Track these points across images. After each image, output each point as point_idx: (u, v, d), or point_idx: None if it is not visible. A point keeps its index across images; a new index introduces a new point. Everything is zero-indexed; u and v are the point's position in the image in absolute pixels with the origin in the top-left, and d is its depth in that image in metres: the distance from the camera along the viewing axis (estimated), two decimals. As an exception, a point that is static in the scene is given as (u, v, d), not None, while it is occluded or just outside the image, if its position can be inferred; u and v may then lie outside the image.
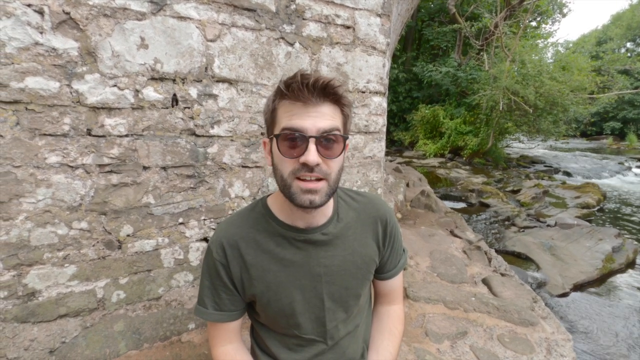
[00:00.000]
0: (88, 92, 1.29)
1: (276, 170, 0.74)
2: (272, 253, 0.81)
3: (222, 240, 0.81)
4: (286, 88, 0.67)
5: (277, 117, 0.71)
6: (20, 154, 1.22)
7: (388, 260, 0.93)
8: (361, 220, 0.87)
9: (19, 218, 1.26)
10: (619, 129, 26.40)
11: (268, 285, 0.81)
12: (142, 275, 1.52)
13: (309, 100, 0.67)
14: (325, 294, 0.83)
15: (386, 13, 1.94)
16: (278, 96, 0.71)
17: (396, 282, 0.98)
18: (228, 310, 0.85)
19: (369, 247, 0.88)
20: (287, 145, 0.69)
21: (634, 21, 29.39)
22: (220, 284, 0.83)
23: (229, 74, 1.55)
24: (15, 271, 1.28)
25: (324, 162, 0.69)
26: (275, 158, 0.73)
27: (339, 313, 0.86)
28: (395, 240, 0.93)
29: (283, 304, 0.81)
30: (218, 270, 0.81)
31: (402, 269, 0.97)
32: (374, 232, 0.89)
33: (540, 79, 9.86)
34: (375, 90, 2.00)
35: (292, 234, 0.80)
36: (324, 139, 0.68)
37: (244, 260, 0.80)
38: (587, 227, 4.61)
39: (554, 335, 1.94)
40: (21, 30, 1.16)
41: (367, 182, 2.11)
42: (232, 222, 0.84)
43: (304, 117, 0.67)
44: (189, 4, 1.42)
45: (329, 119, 0.69)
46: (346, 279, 0.84)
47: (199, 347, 1.57)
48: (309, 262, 0.81)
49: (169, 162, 1.49)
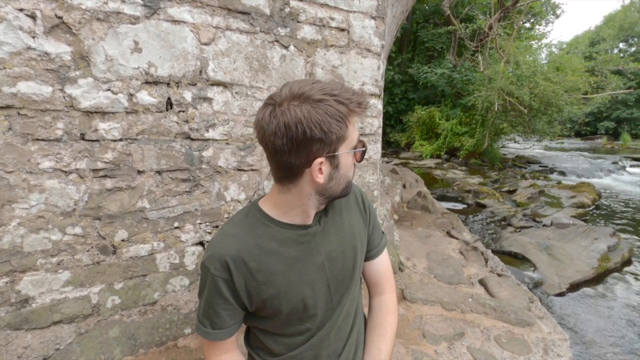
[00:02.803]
0: (81, 96, 1.29)
1: (342, 179, 0.78)
2: (276, 254, 0.80)
3: (221, 254, 0.78)
4: (358, 105, 0.73)
5: (349, 133, 0.74)
6: (13, 160, 1.21)
7: (371, 238, 0.98)
8: (344, 201, 0.93)
9: (12, 224, 1.24)
10: (613, 128, 26.64)
11: (278, 287, 0.79)
12: (138, 280, 1.51)
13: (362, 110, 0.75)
14: (330, 280, 0.85)
15: (380, 15, 1.94)
16: (347, 113, 0.72)
17: (383, 265, 1.01)
18: (227, 326, 0.83)
19: (357, 224, 0.93)
20: (361, 154, 0.79)
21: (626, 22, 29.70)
22: (219, 302, 0.80)
23: (224, 77, 1.55)
24: (8, 278, 1.27)
25: None
26: (344, 169, 0.78)
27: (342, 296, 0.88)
28: (372, 214, 1.00)
29: (295, 303, 0.81)
30: (218, 286, 0.78)
31: (384, 248, 1.02)
32: (357, 207, 0.95)
33: (534, 80, 9.93)
34: (371, 93, 2.00)
35: (293, 231, 0.81)
36: None
37: (248, 269, 0.78)
38: (583, 227, 4.64)
39: (551, 335, 1.95)
40: (13, 34, 1.15)
41: (364, 183, 2.11)
42: (227, 233, 0.82)
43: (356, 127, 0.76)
44: (183, 7, 1.41)
45: None
46: (345, 260, 0.87)
47: (195, 352, 1.56)
48: (312, 254, 0.82)
49: (164, 166, 1.48)
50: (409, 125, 14.47)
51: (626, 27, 29.63)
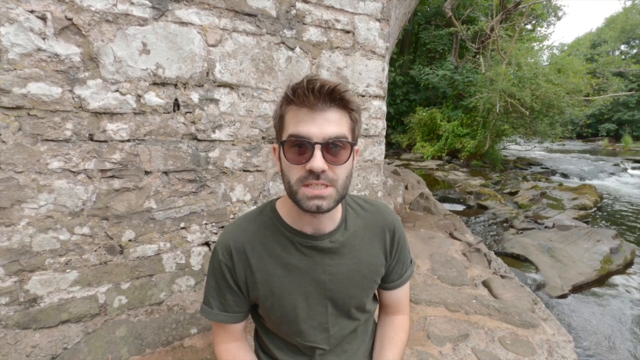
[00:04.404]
0: (90, 97, 1.30)
1: (284, 176, 0.73)
2: (277, 257, 0.80)
3: (228, 243, 0.81)
4: (292, 93, 0.67)
5: (285, 124, 0.71)
6: (23, 160, 1.22)
7: (394, 271, 0.92)
8: (369, 229, 0.87)
9: (21, 224, 1.25)
10: (614, 130, 26.61)
11: (272, 289, 0.81)
12: (144, 280, 1.52)
13: (315, 106, 0.66)
14: (329, 301, 0.83)
15: (385, 17, 1.95)
16: (285, 102, 0.70)
17: (401, 293, 0.96)
18: (233, 311, 0.85)
19: (375, 257, 0.87)
20: (294, 151, 0.69)
21: (628, 24, 29.70)
22: (225, 285, 0.83)
23: (230, 79, 1.56)
24: (17, 277, 1.28)
25: (330, 169, 0.68)
26: (283, 164, 0.73)
27: (342, 320, 0.86)
28: (402, 251, 0.92)
29: (286, 310, 0.81)
30: (223, 272, 0.82)
31: (407, 281, 0.96)
32: (381, 241, 0.88)
33: (536, 82, 9.94)
34: (375, 94, 2.01)
35: (299, 240, 0.80)
36: (330, 145, 0.67)
37: (249, 264, 0.80)
38: (585, 229, 4.64)
39: (555, 337, 1.95)
40: (24, 36, 1.16)
41: (368, 185, 2.11)
42: (239, 225, 0.84)
43: (310, 123, 0.67)
44: (191, 9, 1.43)
45: (336, 125, 0.68)
46: (351, 287, 0.84)
47: (202, 352, 1.57)
48: (315, 269, 0.81)
49: (171, 166, 1.49)
50: (410, 126, 14.48)
51: (628, 29, 29.63)
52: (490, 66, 11.44)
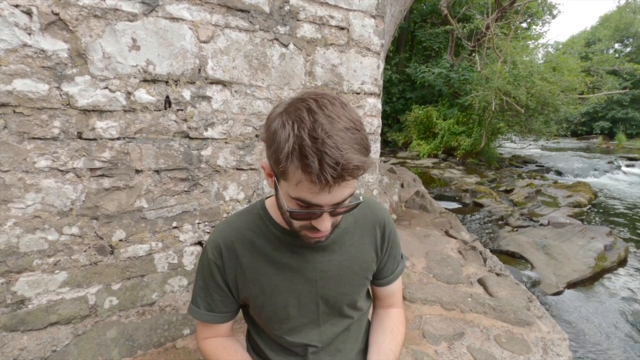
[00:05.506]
0: (78, 94, 1.27)
1: (281, 208, 0.69)
2: (268, 256, 0.80)
3: (218, 241, 0.80)
4: (304, 168, 0.55)
5: (289, 176, 0.60)
6: (9, 158, 1.19)
7: (385, 266, 0.92)
8: (359, 226, 0.86)
9: (8, 224, 1.22)
10: (608, 128, 26.81)
11: (262, 288, 0.80)
12: (135, 280, 1.50)
13: (333, 187, 0.58)
14: (320, 298, 0.82)
15: (380, 14, 1.93)
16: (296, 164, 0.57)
17: (394, 287, 0.96)
18: (219, 311, 0.84)
19: (366, 253, 0.86)
20: (299, 207, 0.63)
21: (622, 23, 29.88)
22: (213, 285, 0.82)
23: (223, 76, 1.53)
24: (4, 279, 1.25)
25: (334, 218, 0.67)
26: (281, 201, 0.67)
27: (334, 318, 0.86)
28: (393, 246, 0.91)
29: (277, 308, 0.81)
30: (212, 271, 0.81)
31: (399, 276, 0.95)
32: (372, 237, 0.87)
33: (531, 80, 9.99)
34: (370, 92, 1.99)
35: (289, 239, 0.79)
36: (339, 205, 0.64)
37: (239, 262, 0.80)
38: (579, 226, 4.66)
39: (550, 335, 1.95)
40: (8, 31, 1.13)
41: (363, 183, 2.10)
42: (229, 223, 0.83)
43: (323, 195, 0.59)
44: (182, 5, 1.40)
45: (348, 189, 0.61)
46: (342, 284, 0.83)
47: (194, 353, 1.55)
48: (305, 267, 0.80)
49: (162, 165, 1.46)
50: (406, 124, 14.49)
51: (621, 27, 29.82)
52: (486, 64, 11.47)
